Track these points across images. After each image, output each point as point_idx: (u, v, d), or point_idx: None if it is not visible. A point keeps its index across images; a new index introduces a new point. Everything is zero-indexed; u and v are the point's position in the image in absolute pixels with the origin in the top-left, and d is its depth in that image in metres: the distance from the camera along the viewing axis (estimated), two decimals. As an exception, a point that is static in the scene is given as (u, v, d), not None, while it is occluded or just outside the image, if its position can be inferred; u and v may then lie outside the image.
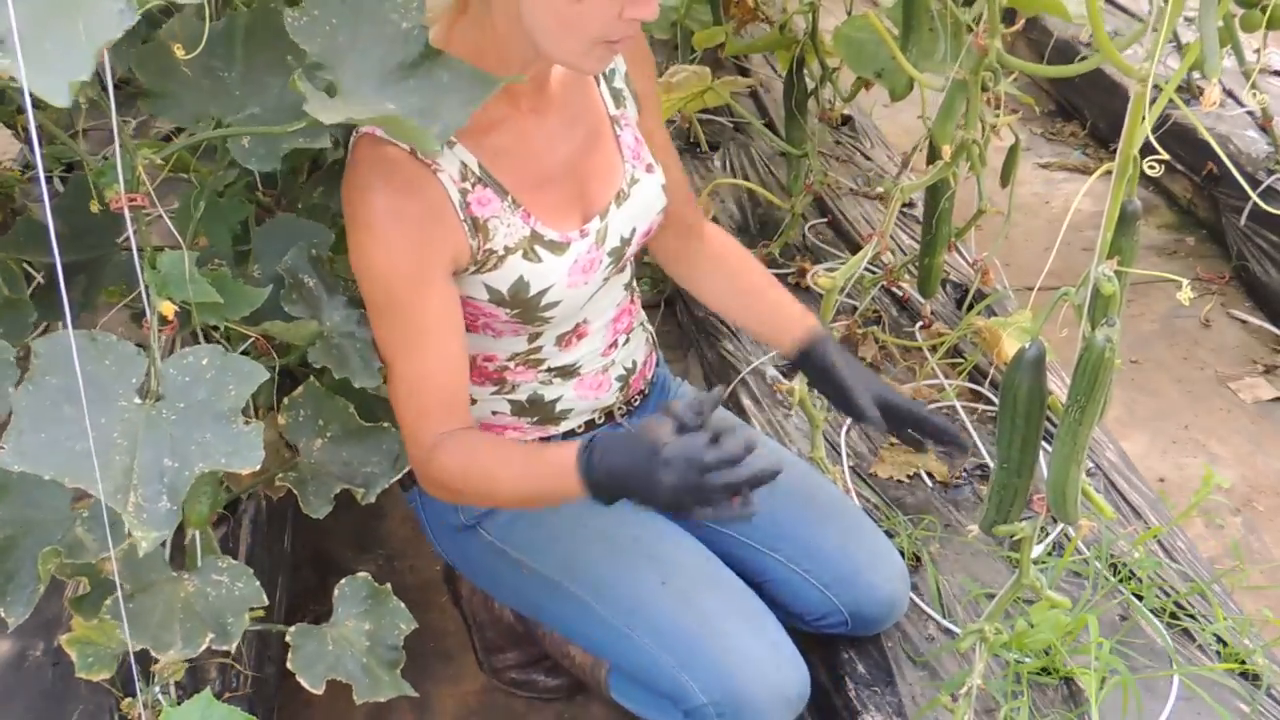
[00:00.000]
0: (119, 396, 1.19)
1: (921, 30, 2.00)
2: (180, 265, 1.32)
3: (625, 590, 1.58)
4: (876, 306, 2.53)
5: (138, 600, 1.33)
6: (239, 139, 1.38)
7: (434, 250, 1.43)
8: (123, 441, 1.17)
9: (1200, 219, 3.52)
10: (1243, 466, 2.58)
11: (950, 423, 1.67)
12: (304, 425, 1.57)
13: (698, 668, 1.51)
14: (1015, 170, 2.36)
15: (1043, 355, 1.30)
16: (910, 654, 1.74)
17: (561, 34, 1.35)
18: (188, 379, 1.22)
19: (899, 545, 1.89)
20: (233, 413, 1.20)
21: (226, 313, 1.40)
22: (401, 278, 1.42)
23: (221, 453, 1.19)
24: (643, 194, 1.60)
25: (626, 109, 1.61)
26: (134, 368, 1.20)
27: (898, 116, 3.45)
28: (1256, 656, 1.71)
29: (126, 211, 1.25)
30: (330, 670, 1.47)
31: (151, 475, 1.16)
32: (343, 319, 1.55)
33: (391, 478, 1.56)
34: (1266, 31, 2.37)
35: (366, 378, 1.50)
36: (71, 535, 1.33)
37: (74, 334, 1.17)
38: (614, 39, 1.35)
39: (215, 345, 1.26)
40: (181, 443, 1.18)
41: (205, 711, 1.29)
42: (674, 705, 1.55)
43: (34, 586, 1.30)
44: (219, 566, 1.40)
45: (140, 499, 1.15)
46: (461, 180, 1.44)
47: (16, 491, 1.33)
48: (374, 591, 1.55)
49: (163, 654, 1.32)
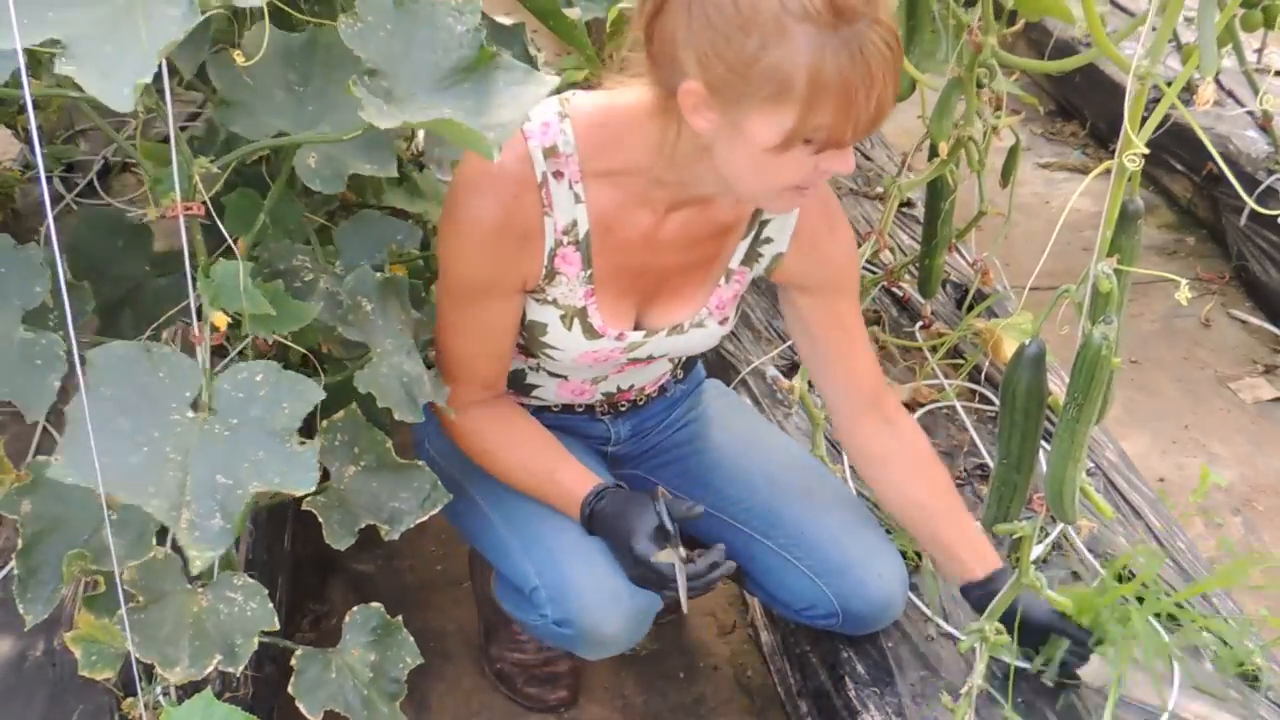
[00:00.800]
0: (172, 410, 1.18)
1: (923, 31, 2.01)
2: (234, 275, 1.30)
3: (527, 523, 1.64)
4: (876, 306, 2.53)
5: (149, 611, 1.31)
6: (305, 158, 1.38)
7: (514, 273, 1.49)
8: (176, 456, 1.16)
9: (1200, 219, 3.52)
10: (1243, 466, 2.58)
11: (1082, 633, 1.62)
12: (340, 450, 1.53)
13: (546, 573, 1.60)
14: (1016, 170, 2.36)
15: (1043, 352, 1.30)
16: (910, 654, 1.74)
17: (754, 178, 1.34)
18: (242, 395, 1.21)
19: (895, 545, 1.89)
20: (286, 432, 1.19)
21: (276, 327, 1.38)
22: (478, 281, 1.49)
23: (276, 472, 1.17)
24: (699, 335, 1.63)
25: (750, 270, 1.60)
26: (188, 381, 1.19)
27: (898, 116, 3.42)
28: (1256, 657, 1.71)
29: (182, 220, 1.24)
30: (330, 699, 1.45)
31: (204, 492, 1.15)
32: (394, 347, 1.49)
33: (418, 517, 1.52)
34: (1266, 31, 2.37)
35: (409, 411, 1.45)
36: (99, 537, 1.30)
37: (128, 345, 1.17)
38: (804, 185, 1.35)
39: (270, 361, 1.25)
40: (234, 460, 1.17)
41: (206, 711, 1.29)
42: (526, 599, 1.63)
43: (56, 585, 1.29)
44: (234, 584, 1.37)
45: (194, 515, 1.14)
46: (563, 233, 1.46)
47: (48, 487, 1.32)
48: (384, 623, 1.52)
49: (169, 671, 1.30)
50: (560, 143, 1.42)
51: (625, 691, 2.01)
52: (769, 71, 1.22)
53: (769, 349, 2.39)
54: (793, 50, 1.21)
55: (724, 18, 1.23)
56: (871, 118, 1.26)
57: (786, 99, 1.23)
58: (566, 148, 1.42)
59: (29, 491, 1.32)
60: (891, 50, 1.23)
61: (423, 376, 1.48)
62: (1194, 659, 1.72)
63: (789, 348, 2.39)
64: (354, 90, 1.18)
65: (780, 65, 1.22)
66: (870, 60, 1.21)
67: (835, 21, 1.20)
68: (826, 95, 1.22)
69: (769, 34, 1.21)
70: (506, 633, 1.99)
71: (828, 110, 1.23)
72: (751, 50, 1.22)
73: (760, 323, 2.50)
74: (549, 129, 1.42)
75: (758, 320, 2.50)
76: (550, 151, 1.42)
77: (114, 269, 1.60)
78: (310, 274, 1.56)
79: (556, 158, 1.42)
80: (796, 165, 1.30)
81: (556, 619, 1.58)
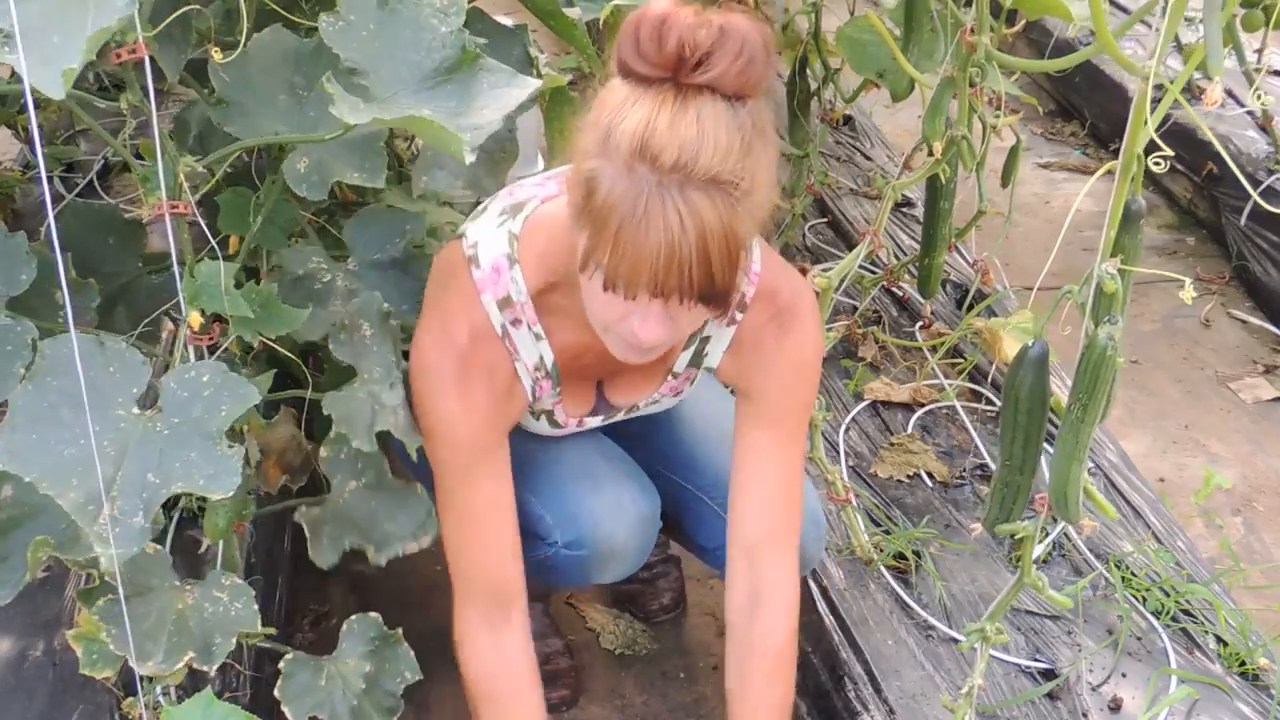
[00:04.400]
0: (118, 405, 1.18)
1: (922, 31, 2.01)
2: (217, 276, 1.30)
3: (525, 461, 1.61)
4: (876, 306, 2.53)
5: (132, 604, 1.30)
6: (295, 162, 1.37)
7: (498, 416, 1.48)
8: (111, 451, 1.15)
9: (1200, 219, 3.51)
10: (1243, 466, 2.58)
11: None
12: (344, 464, 1.52)
13: (551, 501, 1.61)
14: (1016, 170, 2.36)
15: (1045, 353, 1.30)
16: (910, 654, 1.74)
17: (587, 303, 1.32)
18: (187, 394, 1.20)
19: (895, 546, 1.89)
20: (219, 434, 1.18)
21: (263, 329, 1.37)
22: (463, 441, 1.45)
23: (202, 475, 1.16)
24: (656, 408, 1.66)
25: (698, 369, 1.57)
26: (137, 377, 1.19)
27: (897, 116, 3.45)
28: (1257, 656, 1.71)
29: (169, 219, 1.24)
30: (316, 707, 1.44)
31: (133, 489, 1.14)
32: (381, 375, 1.46)
33: (408, 543, 1.52)
34: (1267, 31, 2.37)
35: (365, 440, 1.41)
36: (75, 526, 1.30)
37: (81, 337, 1.16)
38: (634, 341, 1.30)
39: (219, 363, 1.24)
40: (168, 459, 1.16)
41: (205, 711, 1.29)
42: (534, 534, 1.61)
43: (24, 572, 1.28)
44: (222, 583, 1.37)
45: (117, 511, 1.13)
46: (534, 369, 1.48)
47: None
48: (383, 634, 1.51)
49: (142, 665, 1.29)
50: (513, 292, 1.41)
51: (625, 692, 2.01)
52: (581, 175, 1.21)
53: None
54: (601, 166, 1.18)
55: (587, 116, 1.22)
56: (655, 278, 1.17)
57: (583, 213, 1.21)
58: (520, 296, 1.42)
59: (9, 478, 1.31)
60: (685, 223, 1.14)
61: (396, 409, 1.44)
62: (1194, 659, 1.72)
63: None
64: (327, 87, 1.18)
65: (588, 175, 1.20)
66: (650, 215, 1.15)
67: (635, 162, 1.15)
68: (603, 227, 1.18)
69: (599, 140, 1.19)
70: None
71: (604, 244, 1.18)
72: (582, 147, 1.21)
73: (760, 323, 2.49)
74: (500, 278, 1.41)
75: (758, 320, 2.50)
76: (504, 303, 1.42)
77: (106, 265, 1.59)
78: (328, 274, 1.55)
79: (511, 308, 1.42)
80: (605, 303, 1.26)
81: (567, 541, 1.60)
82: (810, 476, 2.08)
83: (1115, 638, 1.74)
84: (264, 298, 1.36)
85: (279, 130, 1.38)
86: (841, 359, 2.38)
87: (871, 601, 1.83)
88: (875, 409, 2.27)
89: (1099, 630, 1.77)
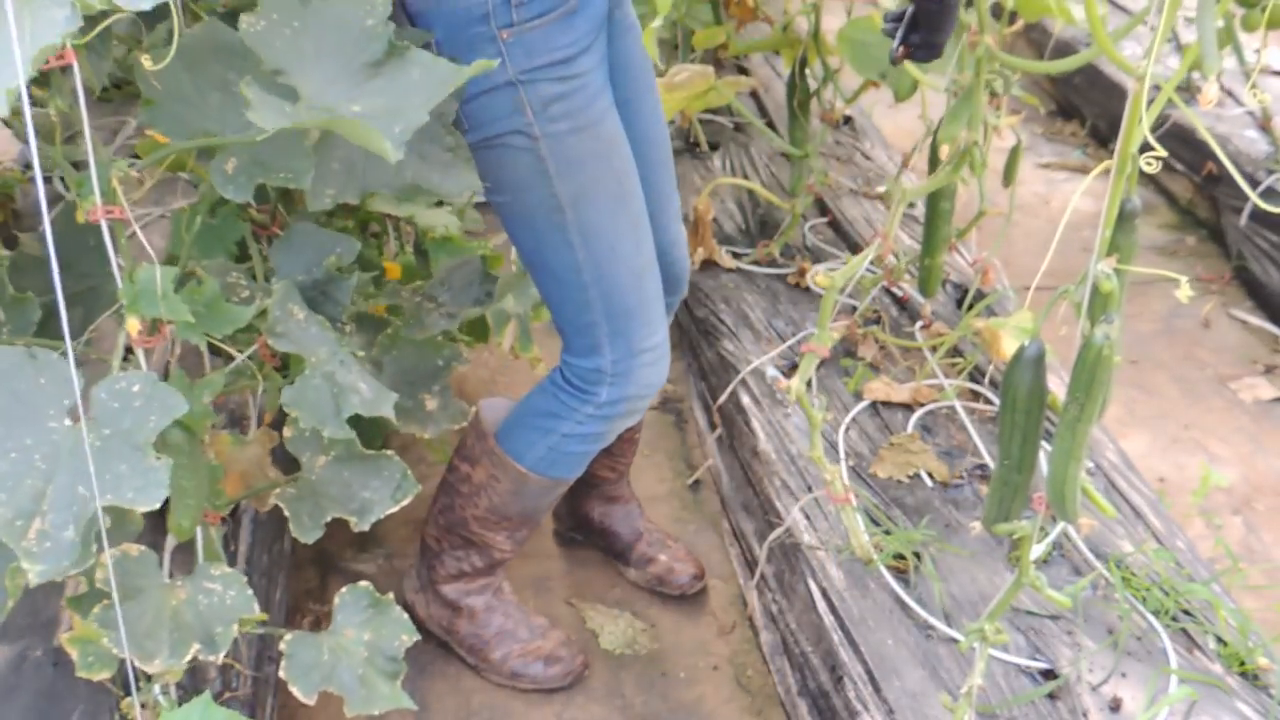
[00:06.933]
0: (49, 417, 1.16)
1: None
2: (153, 281, 1.28)
3: (605, 246, 1.68)
4: (876, 306, 2.53)
5: (125, 608, 1.30)
6: (223, 163, 1.34)
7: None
8: (42, 465, 1.14)
9: (1200, 219, 3.51)
10: (1243, 466, 2.58)
11: None
12: (310, 441, 1.52)
13: (619, 345, 1.73)
14: (1017, 171, 2.36)
15: (1043, 352, 1.30)
16: (910, 654, 1.74)
17: None
18: (117, 405, 1.18)
19: (895, 546, 1.90)
20: (147, 445, 1.17)
21: (211, 330, 1.37)
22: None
23: (131, 487, 1.15)
24: None
25: None
26: (69, 389, 1.16)
27: (897, 116, 3.45)
28: (1257, 656, 1.71)
29: (104, 224, 1.23)
30: (325, 680, 1.44)
31: (63, 503, 1.13)
32: (328, 355, 1.45)
33: (389, 508, 1.51)
34: (1266, 31, 2.37)
35: (337, 428, 1.40)
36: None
37: (12, 351, 1.14)
38: None
39: (150, 373, 1.22)
40: (99, 472, 1.14)
41: (204, 714, 1.29)
42: (584, 368, 1.75)
43: (5, 598, 1.27)
44: (212, 574, 1.37)
45: (47, 525, 1.12)
46: None
47: None
48: (375, 601, 1.51)
49: (147, 664, 1.29)
50: None
51: (625, 691, 2.01)
52: None
53: (769, 349, 2.39)
54: None
55: None
56: None
57: None
58: None
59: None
60: None
61: (357, 385, 1.43)
62: (1193, 659, 1.72)
63: (789, 348, 2.39)
64: (245, 91, 1.15)
65: None
66: None
67: None
68: None
69: None
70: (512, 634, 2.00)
71: None
72: None
73: (760, 322, 2.50)
74: None
75: (757, 320, 2.50)
76: None
77: (81, 265, 1.58)
78: (245, 290, 1.53)
79: None
80: None
81: (611, 399, 1.74)
82: (810, 476, 2.09)
83: (1115, 638, 1.74)
84: (208, 297, 1.36)
85: (210, 129, 1.34)
86: (841, 359, 2.38)
87: (871, 601, 1.83)
88: (875, 409, 2.27)
89: (1099, 630, 1.77)
